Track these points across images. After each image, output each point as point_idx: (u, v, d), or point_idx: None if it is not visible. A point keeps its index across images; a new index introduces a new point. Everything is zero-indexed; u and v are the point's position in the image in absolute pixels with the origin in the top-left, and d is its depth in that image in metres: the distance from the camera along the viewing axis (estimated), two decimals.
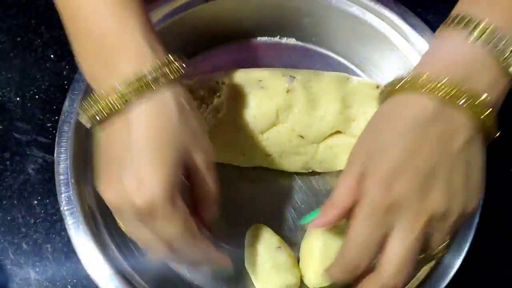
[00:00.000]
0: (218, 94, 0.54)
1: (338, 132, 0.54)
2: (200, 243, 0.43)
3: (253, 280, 0.52)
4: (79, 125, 0.53)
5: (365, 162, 0.40)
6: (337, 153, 0.55)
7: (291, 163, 0.56)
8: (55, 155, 0.53)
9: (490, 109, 0.40)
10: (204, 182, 0.45)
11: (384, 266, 0.39)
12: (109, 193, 0.41)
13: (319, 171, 0.57)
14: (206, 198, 0.46)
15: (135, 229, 0.42)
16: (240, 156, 0.56)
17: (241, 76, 0.55)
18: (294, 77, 0.54)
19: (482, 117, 0.39)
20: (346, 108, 0.53)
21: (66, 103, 0.54)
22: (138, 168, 0.40)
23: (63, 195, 0.51)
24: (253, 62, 0.56)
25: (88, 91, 0.55)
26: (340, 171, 0.57)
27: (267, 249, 0.52)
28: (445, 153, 0.39)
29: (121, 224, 0.48)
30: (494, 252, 0.57)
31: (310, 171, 0.57)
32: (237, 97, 0.53)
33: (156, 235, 0.42)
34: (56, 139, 0.53)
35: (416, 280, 0.49)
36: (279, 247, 0.52)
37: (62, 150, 0.53)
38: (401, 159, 0.39)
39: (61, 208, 0.51)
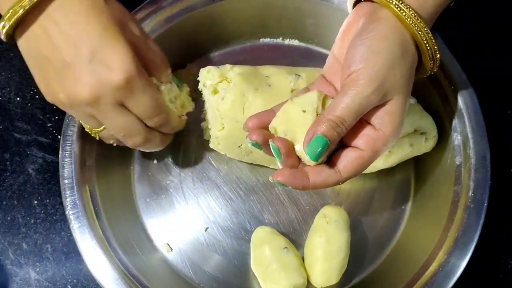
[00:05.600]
0: (224, 86, 0.54)
1: None
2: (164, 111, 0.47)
3: (260, 282, 0.53)
4: (83, 129, 0.53)
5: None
6: None
7: None
8: (59, 159, 0.52)
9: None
10: (148, 46, 0.46)
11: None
12: (83, 90, 0.41)
13: None
14: (156, 62, 0.47)
15: (114, 116, 0.44)
16: (239, 149, 0.55)
17: (249, 71, 0.55)
18: (300, 75, 0.54)
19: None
20: None
21: None
22: (98, 55, 0.40)
23: (68, 199, 0.51)
24: (256, 63, 0.56)
25: None
26: None
27: (273, 250, 0.52)
28: None
29: (98, 121, 0.46)
30: (499, 252, 0.58)
31: None
32: (244, 91, 0.52)
33: (134, 118, 0.44)
34: (61, 143, 0.53)
35: (422, 280, 0.49)
36: (286, 247, 0.52)
37: (66, 154, 0.52)
38: None
39: (67, 212, 0.51)
